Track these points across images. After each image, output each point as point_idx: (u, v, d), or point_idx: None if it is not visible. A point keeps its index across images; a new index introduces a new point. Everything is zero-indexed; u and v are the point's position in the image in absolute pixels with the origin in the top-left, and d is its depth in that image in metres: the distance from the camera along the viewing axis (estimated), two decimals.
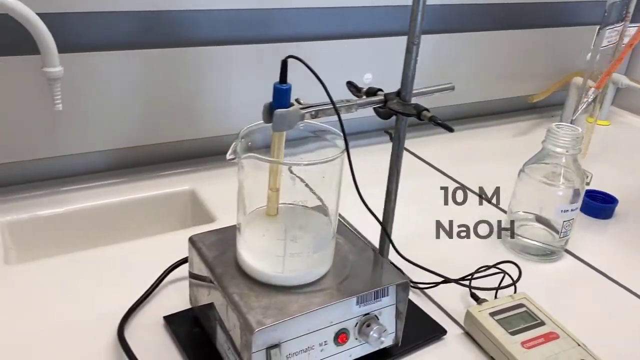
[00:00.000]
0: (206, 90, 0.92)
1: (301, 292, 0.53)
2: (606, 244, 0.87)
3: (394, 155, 0.61)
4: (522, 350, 0.60)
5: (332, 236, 0.55)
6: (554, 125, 0.78)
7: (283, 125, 0.51)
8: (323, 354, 0.55)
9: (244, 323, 0.49)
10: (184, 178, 0.93)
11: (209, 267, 0.56)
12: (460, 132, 1.23)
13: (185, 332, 0.61)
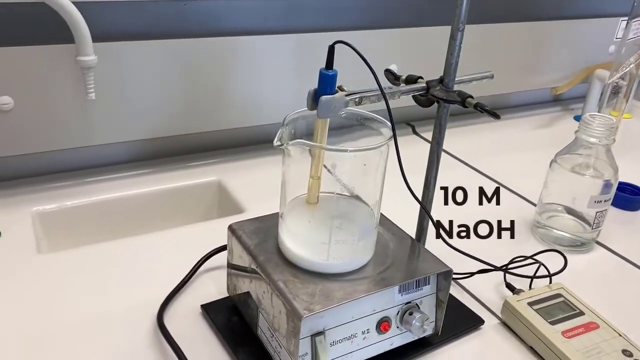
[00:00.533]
0: (234, 80, 0.92)
1: (345, 279, 0.53)
2: (636, 236, 0.87)
3: (434, 143, 0.60)
4: (563, 340, 0.59)
5: (375, 224, 0.55)
6: (588, 115, 0.77)
7: (328, 112, 0.51)
8: (365, 342, 0.55)
9: (291, 310, 0.49)
10: (210, 169, 0.93)
11: (251, 255, 0.56)
12: (481, 124, 1.22)
13: (224, 321, 0.61)
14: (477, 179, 1.00)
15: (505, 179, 0.99)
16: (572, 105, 1.36)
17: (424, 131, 1.14)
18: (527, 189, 0.96)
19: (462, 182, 0.97)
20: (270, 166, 0.95)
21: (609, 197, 0.78)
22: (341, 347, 0.53)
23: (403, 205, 0.71)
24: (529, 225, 0.86)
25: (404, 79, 0.61)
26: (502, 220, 0.84)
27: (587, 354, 0.58)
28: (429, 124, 1.16)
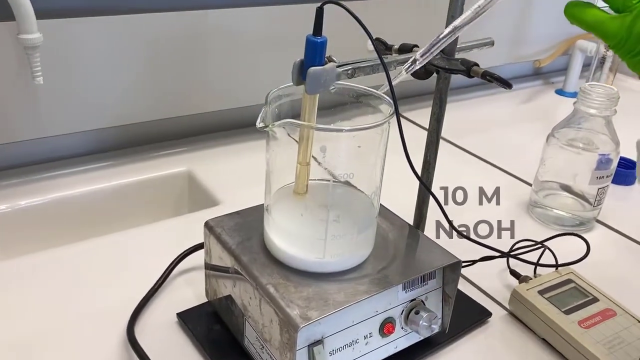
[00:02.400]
0: (204, 59, 0.83)
1: (343, 279, 0.46)
2: (635, 211, 0.82)
3: (434, 120, 0.54)
4: (580, 331, 0.54)
5: (375, 215, 0.48)
6: (587, 84, 0.72)
7: (318, 86, 0.44)
8: (368, 347, 0.48)
9: (285, 318, 0.42)
10: (178, 158, 0.85)
11: (233, 256, 0.48)
12: (462, 102, 1.17)
13: (204, 330, 0.54)
14: (464, 158, 0.94)
15: (493, 157, 0.94)
16: (552, 78, 1.32)
17: (407, 111, 1.08)
18: (517, 167, 0.91)
19: (449, 162, 0.91)
20: (244, 153, 0.88)
21: (610, 173, 0.73)
22: (342, 355, 0.47)
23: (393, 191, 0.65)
24: (524, 205, 0.81)
25: (396, 49, 0.54)
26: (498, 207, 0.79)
27: (608, 344, 0.53)
28: (412, 102, 1.11)
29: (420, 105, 1.09)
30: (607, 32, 0.42)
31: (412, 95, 1.12)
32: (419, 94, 1.12)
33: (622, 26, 0.41)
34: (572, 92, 1.23)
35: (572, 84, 1.23)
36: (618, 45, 0.41)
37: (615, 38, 0.41)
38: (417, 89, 1.12)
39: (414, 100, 1.11)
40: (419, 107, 1.08)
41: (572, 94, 1.22)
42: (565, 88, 1.24)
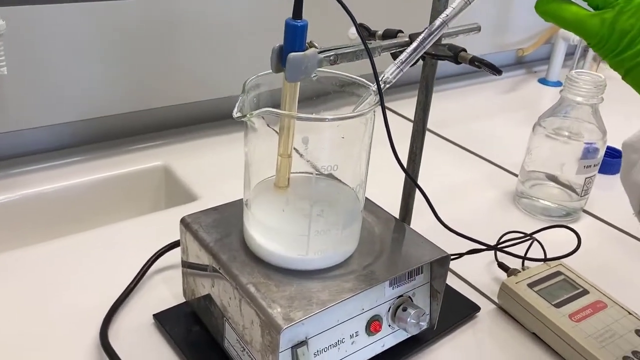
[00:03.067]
0: (177, 48, 0.80)
1: (328, 276, 0.44)
2: (621, 201, 0.81)
3: (420, 110, 0.52)
4: (571, 324, 0.53)
5: (360, 209, 0.46)
6: (574, 72, 0.70)
7: (298, 73, 0.41)
8: (354, 346, 0.46)
9: (267, 320, 0.40)
10: (154, 152, 0.82)
11: (211, 254, 0.46)
12: (445, 92, 1.15)
13: (182, 332, 0.51)
14: (448, 148, 0.93)
15: (477, 147, 0.93)
16: (535, 67, 1.31)
17: (391, 101, 1.05)
18: (502, 157, 0.89)
19: (434, 153, 0.90)
20: (223, 146, 0.85)
21: (597, 162, 0.72)
22: (327, 355, 0.45)
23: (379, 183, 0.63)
24: (510, 196, 0.79)
25: (380, 35, 0.51)
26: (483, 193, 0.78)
27: (600, 338, 0.51)
28: (395, 92, 1.09)
29: (404, 95, 1.07)
30: (587, 30, 0.39)
31: (396, 86, 1.10)
32: (402, 84, 1.10)
33: (603, 24, 0.38)
34: (555, 81, 1.22)
35: (555, 73, 1.22)
36: (599, 44, 0.39)
37: (596, 37, 0.38)
38: (401, 79, 1.09)
39: (398, 91, 1.08)
40: (403, 98, 1.06)
41: (555, 83, 1.21)
42: (548, 77, 1.23)
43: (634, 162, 0.33)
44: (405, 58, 0.41)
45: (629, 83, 0.38)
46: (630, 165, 0.33)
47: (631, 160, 0.33)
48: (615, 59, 0.38)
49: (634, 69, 0.37)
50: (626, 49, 0.37)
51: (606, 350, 0.50)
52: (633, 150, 0.33)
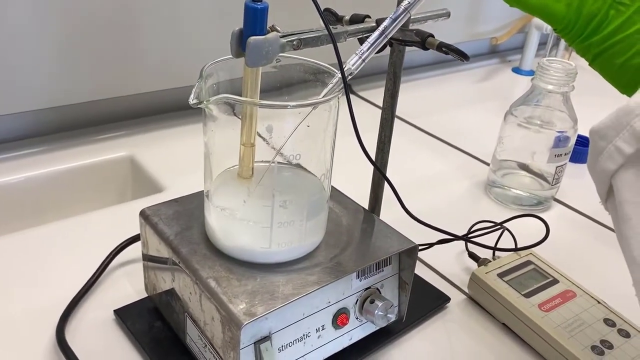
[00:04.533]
0: (141, 35, 0.77)
1: (292, 269, 0.43)
2: (591, 190, 0.81)
3: (388, 97, 0.50)
4: (541, 314, 0.52)
5: (326, 199, 0.45)
6: (545, 59, 0.70)
7: (259, 58, 0.39)
8: (320, 340, 0.45)
9: (227, 315, 0.38)
10: (119, 142, 0.80)
11: (170, 247, 0.44)
12: (417, 81, 1.14)
13: (144, 328, 0.49)
14: (419, 137, 0.92)
15: (450, 136, 0.92)
16: (509, 57, 1.30)
17: (362, 90, 1.04)
18: (475, 147, 0.89)
19: (405, 142, 0.89)
20: (190, 136, 0.83)
21: (568, 151, 0.72)
22: (292, 351, 0.43)
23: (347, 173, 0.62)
24: (482, 185, 0.79)
25: (347, 20, 0.50)
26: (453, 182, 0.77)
27: (568, 328, 0.51)
28: (367, 82, 1.07)
29: (376, 84, 1.06)
30: (553, 15, 0.37)
31: (368, 74, 1.09)
32: (373, 73, 1.09)
33: (569, 8, 0.36)
34: (528, 71, 1.22)
35: (529, 62, 1.22)
36: (565, 29, 0.37)
37: (562, 21, 0.37)
38: (371, 67, 1.08)
39: (369, 80, 1.07)
40: (374, 87, 1.05)
41: (529, 72, 1.21)
42: (522, 66, 1.23)
43: (601, 150, 0.32)
44: (367, 48, 0.40)
45: (596, 69, 0.37)
46: (597, 153, 0.32)
47: (598, 148, 0.32)
48: (581, 44, 0.37)
49: (601, 54, 0.36)
50: (593, 34, 0.36)
51: (575, 340, 0.50)
52: (600, 137, 0.32)
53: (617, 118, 0.31)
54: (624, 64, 0.35)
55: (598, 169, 0.33)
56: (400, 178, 0.74)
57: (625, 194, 0.31)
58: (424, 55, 1.19)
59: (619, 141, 0.31)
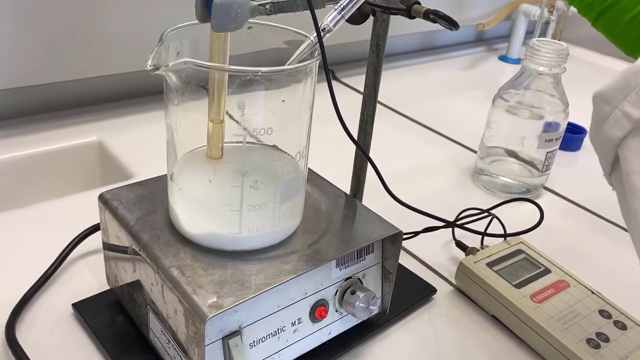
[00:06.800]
0: (111, 11, 0.72)
1: (265, 257, 0.39)
2: (582, 178, 0.79)
3: (371, 72, 0.47)
4: (533, 306, 0.49)
5: (302, 181, 0.41)
6: (536, 40, 0.67)
7: (227, 22, 0.35)
8: (297, 335, 0.41)
9: (190, 308, 0.34)
10: (87, 127, 0.75)
11: (130, 234, 0.40)
12: (403, 67, 1.11)
13: (105, 322, 0.45)
14: (406, 125, 0.88)
15: (436, 124, 0.89)
16: (495, 45, 1.27)
17: (345, 76, 1.00)
18: (461, 135, 0.86)
19: (391, 130, 0.85)
20: (161, 121, 0.78)
21: (559, 136, 0.69)
22: (265, 346, 0.40)
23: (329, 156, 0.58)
24: (470, 173, 0.76)
25: None
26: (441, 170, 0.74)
27: (562, 320, 0.48)
28: (350, 68, 1.04)
29: (360, 71, 1.02)
30: None
31: (350, 61, 1.05)
32: (356, 59, 1.05)
33: None
34: (515, 59, 1.19)
35: (516, 50, 1.19)
36: None
37: None
38: (354, 52, 1.04)
39: (352, 66, 1.04)
40: (358, 73, 1.01)
41: (516, 60, 1.18)
42: (509, 54, 1.20)
43: (606, 115, 0.28)
44: (346, 3, 0.36)
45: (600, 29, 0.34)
46: (601, 119, 0.29)
47: (603, 113, 0.29)
48: (583, 2, 0.33)
49: (606, 12, 0.32)
50: None
51: (569, 333, 0.47)
52: (605, 102, 0.28)
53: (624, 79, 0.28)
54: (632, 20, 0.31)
55: (602, 137, 0.29)
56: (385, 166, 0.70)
57: (633, 163, 0.28)
58: (409, 42, 1.16)
59: (627, 105, 0.28)
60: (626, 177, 0.28)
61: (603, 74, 1.18)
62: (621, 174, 0.29)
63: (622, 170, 0.29)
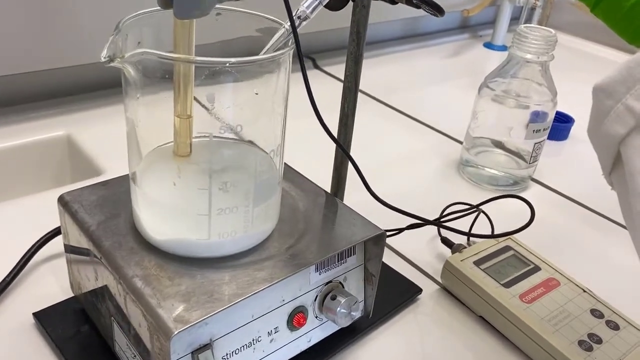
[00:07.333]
0: None
1: (238, 264, 0.36)
2: (570, 168, 0.77)
3: (351, 61, 0.44)
4: (522, 306, 0.47)
5: (278, 180, 0.38)
6: (523, 26, 0.64)
7: (191, 7, 0.32)
8: (274, 344, 0.39)
9: (155, 322, 0.31)
10: (55, 121, 0.71)
11: (91, 239, 0.37)
12: (386, 55, 1.08)
13: (68, 334, 0.42)
14: (389, 115, 0.86)
15: (420, 114, 0.86)
16: (480, 31, 1.25)
17: (327, 65, 0.97)
18: (446, 124, 0.83)
19: (373, 120, 0.82)
20: None
21: (547, 126, 0.67)
22: (239, 358, 0.37)
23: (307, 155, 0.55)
24: (455, 165, 0.73)
25: None
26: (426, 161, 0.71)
27: (553, 321, 0.46)
28: (333, 56, 1.00)
29: (342, 59, 0.99)
30: None
31: (333, 49, 1.02)
32: (338, 47, 1.02)
33: None
34: (500, 45, 1.16)
35: (501, 37, 1.17)
36: None
37: None
38: (336, 40, 1.01)
39: (335, 54, 1.01)
40: (341, 62, 0.98)
41: (501, 47, 1.16)
42: (494, 41, 1.17)
43: (608, 110, 0.26)
44: None
45: (599, 16, 0.31)
46: (602, 114, 0.26)
47: (604, 108, 0.26)
48: None
49: None
50: None
51: (560, 334, 0.45)
52: (607, 95, 0.26)
53: (627, 70, 0.25)
54: (634, 6, 0.29)
55: (602, 134, 0.27)
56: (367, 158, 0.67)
57: (638, 163, 0.25)
58: (391, 29, 1.13)
59: (630, 99, 0.25)
60: (630, 178, 0.26)
61: (588, 60, 1.16)
62: (623, 173, 0.27)
63: (625, 169, 0.26)
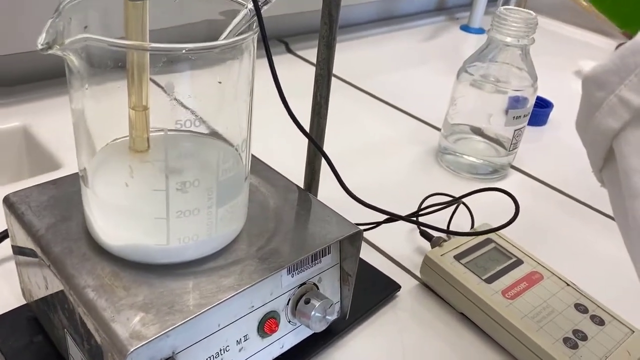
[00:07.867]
0: None
1: (201, 270, 0.33)
2: (549, 155, 0.75)
3: (323, 45, 0.41)
4: (505, 303, 0.45)
5: (245, 176, 0.35)
6: (502, 8, 0.62)
7: None
8: (243, 353, 0.36)
9: (109, 339, 0.28)
10: (10, 111, 0.67)
11: (39, 245, 0.33)
12: (359, 39, 1.04)
13: (20, 345, 0.39)
14: (363, 100, 0.83)
15: (396, 99, 0.83)
16: (457, 14, 1.22)
17: (301, 49, 0.94)
18: (423, 110, 0.81)
19: (347, 106, 0.79)
20: None
21: (527, 112, 0.65)
22: None
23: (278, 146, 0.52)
24: (433, 152, 0.71)
25: None
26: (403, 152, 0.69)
27: (537, 317, 0.44)
28: (306, 39, 0.97)
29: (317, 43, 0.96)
30: None
31: (307, 32, 0.98)
32: (313, 30, 0.98)
33: None
34: (477, 28, 1.14)
35: (478, 19, 1.14)
36: None
37: None
38: (311, 23, 0.98)
39: (309, 37, 0.97)
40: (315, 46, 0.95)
41: (478, 30, 1.14)
42: (471, 24, 1.15)
43: (599, 102, 0.24)
44: None
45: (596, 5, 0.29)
46: (593, 107, 0.24)
47: (595, 100, 0.24)
48: None
49: None
50: None
51: (544, 332, 0.43)
52: (598, 86, 0.23)
53: (621, 59, 0.23)
54: None
55: (593, 128, 0.24)
56: (342, 146, 0.65)
57: (633, 161, 0.23)
58: (365, 11, 1.09)
59: (624, 90, 0.23)
60: (624, 176, 0.24)
61: (567, 43, 1.14)
62: (616, 171, 0.24)
63: (618, 167, 0.24)
